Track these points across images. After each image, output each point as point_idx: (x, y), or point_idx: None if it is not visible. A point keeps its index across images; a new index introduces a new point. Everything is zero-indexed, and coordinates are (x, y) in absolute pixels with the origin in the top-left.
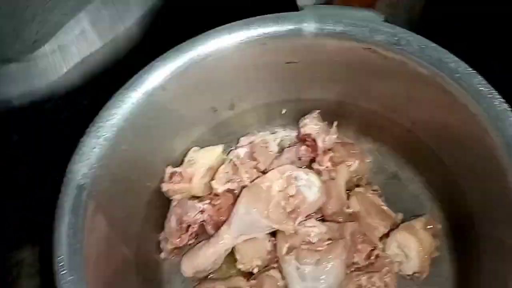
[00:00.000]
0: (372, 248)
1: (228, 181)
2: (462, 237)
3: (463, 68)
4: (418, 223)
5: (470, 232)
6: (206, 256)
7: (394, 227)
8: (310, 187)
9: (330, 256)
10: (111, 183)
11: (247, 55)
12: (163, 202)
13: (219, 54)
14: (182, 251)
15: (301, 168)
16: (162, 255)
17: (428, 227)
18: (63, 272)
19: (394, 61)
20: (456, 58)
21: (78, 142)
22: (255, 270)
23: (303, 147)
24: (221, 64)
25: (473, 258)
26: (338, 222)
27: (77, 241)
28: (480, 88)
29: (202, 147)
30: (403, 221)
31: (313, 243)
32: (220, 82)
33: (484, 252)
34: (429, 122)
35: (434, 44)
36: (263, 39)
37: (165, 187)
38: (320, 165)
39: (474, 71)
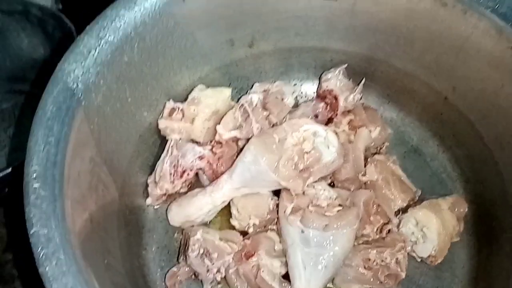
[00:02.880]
0: (386, 222)
1: (236, 128)
2: (488, 223)
3: None
4: (444, 203)
5: (501, 219)
6: (200, 205)
7: (412, 203)
8: (328, 146)
9: (341, 223)
10: (104, 99)
11: None
12: (156, 141)
13: None
14: (170, 199)
15: (320, 125)
16: (148, 200)
17: (456, 209)
18: (35, 185)
19: (454, 9)
20: None
21: (75, 40)
22: (251, 230)
23: (322, 104)
24: None
25: (501, 248)
26: (349, 190)
27: (58, 151)
28: None
29: (208, 87)
30: (420, 200)
31: (322, 207)
32: (245, 10)
33: None
34: (476, 88)
35: None
36: None
37: (162, 123)
38: (337, 126)
39: None
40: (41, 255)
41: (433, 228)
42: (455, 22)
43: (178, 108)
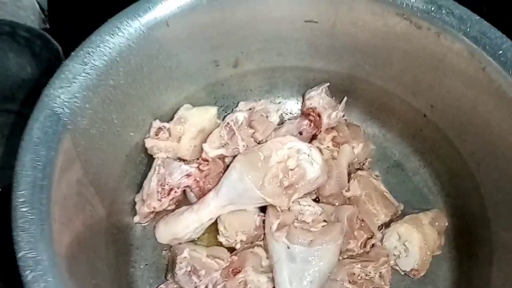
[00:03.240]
0: (369, 237)
1: (222, 146)
2: (468, 236)
3: (508, 45)
4: (425, 217)
5: (480, 232)
6: (187, 223)
7: (395, 217)
8: (311, 163)
9: (326, 238)
10: (90, 121)
11: (265, 4)
12: (143, 159)
13: None
14: (158, 217)
15: (304, 142)
16: (136, 218)
17: (436, 223)
18: (23, 209)
19: (429, 32)
20: (500, 34)
21: (61, 65)
22: (238, 246)
23: (306, 121)
24: (234, 9)
25: (481, 260)
26: (333, 206)
27: (45, 176)
28: None
29: (194, 106)
30: (403, 214)
31: (307, 223)
32: (229, 32)
33: (498, 254)
34: (452, 106)
35: (478, 17)
36: None
37: (149, 142)
38: (320, 143)
39: None
40: (29, 278)
41: (414, 242)
42: (430, 44)
43: (165, 127)
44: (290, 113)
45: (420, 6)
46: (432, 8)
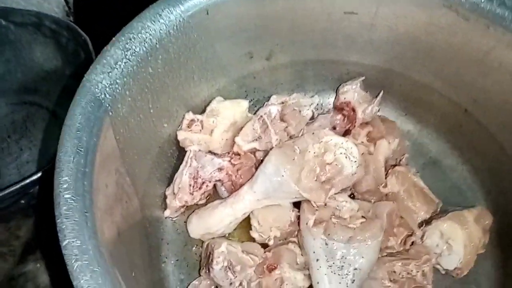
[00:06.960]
0: (409, 234)
1: (255, 140)
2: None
3: None
4: (469, 214)
5: None
6: (221, 217)
7: (435, 214)
8: (349, 157)
9: (366, 235)
10: (129, 109)
11: None
12: (174, 152)
13: None
14: (187, 211)
15: (341, 136)
16: (167, 212)
17: (481, 220)
18: (66, 196)
19: (476, 24)
20: None
21: (102, 51)
22: (271, 242)
23: (339, 116)
24: (274, 1)
25: None
26: (369, 202)
27: (87, 163)
28: None
29: (226, 99)
30: (442, 211)
31: (345, 219)
32: (266, 23)
33: None
34: (497, 101)
35: None
36: None
37: (182, 134)
38: (355, 138)
39: None
40: (75, 267)
41: (459, 240)
42: (477, 36)
43: (198, 120)
44: (321, 108)
45: None
46: (483, 0)
